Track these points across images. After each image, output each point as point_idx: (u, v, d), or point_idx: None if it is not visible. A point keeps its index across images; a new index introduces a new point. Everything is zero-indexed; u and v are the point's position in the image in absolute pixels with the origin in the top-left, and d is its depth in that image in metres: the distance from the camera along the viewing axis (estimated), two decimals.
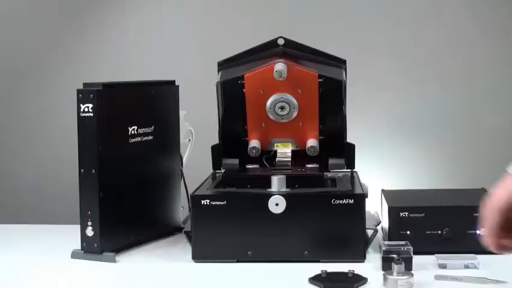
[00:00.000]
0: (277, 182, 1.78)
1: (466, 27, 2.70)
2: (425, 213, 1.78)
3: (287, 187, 1.79)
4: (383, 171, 2.65)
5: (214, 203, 1.75)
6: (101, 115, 1.77)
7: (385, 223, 1.84)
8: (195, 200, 1.76)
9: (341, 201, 1.73)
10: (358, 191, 1.80)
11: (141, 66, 2.76)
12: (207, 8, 2.79)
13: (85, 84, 1.79)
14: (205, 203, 1.75)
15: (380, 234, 1.86)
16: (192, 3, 2.81)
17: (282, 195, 1.74)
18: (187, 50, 2.78)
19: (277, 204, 1.73)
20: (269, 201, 1.73)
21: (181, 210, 2.07)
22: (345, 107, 1.98)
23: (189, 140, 2.18)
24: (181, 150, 2.09)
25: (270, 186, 1.79)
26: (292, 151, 2.01)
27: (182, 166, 2.11)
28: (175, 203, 2.05)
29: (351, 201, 1.73)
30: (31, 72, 2.89)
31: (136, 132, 1.88)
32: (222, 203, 1.75)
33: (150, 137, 1.94)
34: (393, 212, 1.80)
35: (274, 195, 1.74)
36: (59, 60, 2.86)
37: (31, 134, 2.91)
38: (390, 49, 2.71)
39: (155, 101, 1.97)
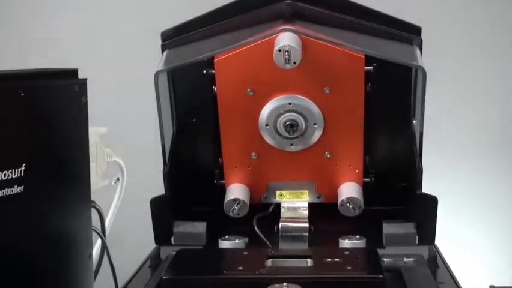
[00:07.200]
0: None
1: None
2: None
3: None
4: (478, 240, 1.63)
5: None
6: None
7: None
8: None
9: None
10: None
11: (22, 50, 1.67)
12: None
13: None
14: None
15: None
16: None
17: None
18: (107, 11, 1.67)
19: None
20: None
21: None
22: (423, 120, 1.01)
23: (117, 180, 1.20)
24: (101, 200, 1.11)
25: None
26: (310, 206, 1.13)
27: (104, 234, 1.13)
28: None
29: None
30: None
31: None
32: None
33: (19, 188, 0.94)
34: None
35: None
36: None
37: None
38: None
39: (29, 113, 0.98)
